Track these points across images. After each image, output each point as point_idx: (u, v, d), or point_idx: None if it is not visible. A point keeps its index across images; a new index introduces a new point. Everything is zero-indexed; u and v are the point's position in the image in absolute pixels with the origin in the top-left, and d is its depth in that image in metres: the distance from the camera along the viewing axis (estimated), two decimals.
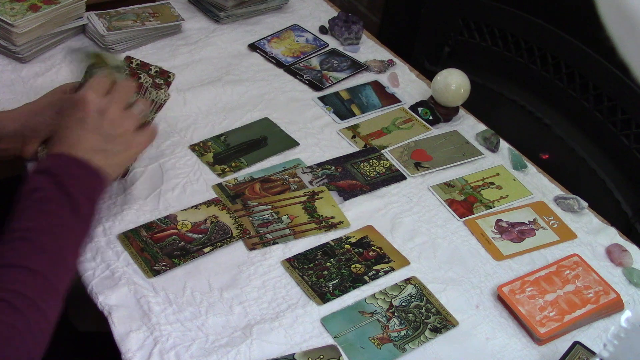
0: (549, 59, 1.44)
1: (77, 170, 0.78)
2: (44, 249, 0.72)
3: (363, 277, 0.87)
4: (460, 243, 0.95)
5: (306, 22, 1.38)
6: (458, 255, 0.94)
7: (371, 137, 1.11)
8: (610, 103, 1.33)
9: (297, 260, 0.89)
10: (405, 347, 0.79)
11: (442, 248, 0.94)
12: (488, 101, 1.52)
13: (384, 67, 1.27)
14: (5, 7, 1.12)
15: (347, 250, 0.91)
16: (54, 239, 0.73)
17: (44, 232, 0.73)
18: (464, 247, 0.95)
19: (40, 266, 0.70)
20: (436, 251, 0.93)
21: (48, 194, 0.76)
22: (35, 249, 0.72)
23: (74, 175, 0.78)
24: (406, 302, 0.85)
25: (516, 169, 1.09)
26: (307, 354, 0.77)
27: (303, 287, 0.85)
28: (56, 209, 0.75)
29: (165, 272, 0.84)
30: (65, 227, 0.75)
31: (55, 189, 0.76)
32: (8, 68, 1.14)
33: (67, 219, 0.75)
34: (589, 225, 1.01)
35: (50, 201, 0.75)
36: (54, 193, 0.76)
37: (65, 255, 0.74)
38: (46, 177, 0.77)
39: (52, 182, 0.76)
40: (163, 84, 0.97)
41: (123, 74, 0.89)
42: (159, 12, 1.28)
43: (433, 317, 0.83)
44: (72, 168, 0.78)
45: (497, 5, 1.52)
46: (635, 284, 0.92)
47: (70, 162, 0.79)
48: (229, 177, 1.00)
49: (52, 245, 0.73)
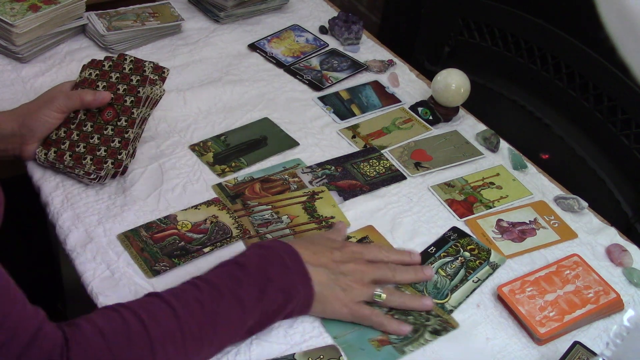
0: (549, 59, 1.44)
1: (289, 260, 0.78)
2: (202, 302, 0.71)
3: None
4: None
5: (306, 22, 1.38)
6: None
7: (371, 137, 1.11)
8: (610, 103, 1.33)
9: None
10: (405, 349, 0.79)
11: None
12: (488, 101, 1.52)
13: (384, 67, 1.27)
14: (5, 7, 1.12)
15: None
16: (218, 302, 0.72)
17: (216, 291, 0.72)
18: None
19: (181, 310, 0.70)
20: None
21: (249, 264, 0.75)
22: (194, 298, 0.71)
23: (280, 258, 0.77)
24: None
25: (516, 169, 1.09)
26: (307, 354, 0.77)
27: None
28: (244, 281, 0.74)
29: (165, 272, 0.84)
30: (238, 300, 0.73)
31: (256, 264, 0.75)
32: (8, 68, 1.14)
33: (246, 295, 0.73)
34: (589, 225, 1.01)
35: (244, 270, 0.75)
36: (253, 268, 0.75)
37: (217, 321, 0.72)
38: (257, 250, 0.77)
39: (259, 259, 0.76)
40: (158, 79, 0.97)
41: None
42: (159, 12, 1.28)
43: (433, 319, 0.83)
44: (285, 256, 0.78)
45: (497, 5, 1.52)
46: (635, 284, 0.92)
47: (289, 252, 0.79)
48: (229, 177, 1.00)
49: (212, 305, 0.71)
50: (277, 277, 0.75)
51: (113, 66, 0.98)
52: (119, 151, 0.93)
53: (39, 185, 0.94)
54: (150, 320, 0.68)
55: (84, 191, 0.94)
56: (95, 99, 0.94)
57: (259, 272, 0.75)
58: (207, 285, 0.73)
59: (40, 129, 0.92)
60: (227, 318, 0.72)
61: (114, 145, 0.93)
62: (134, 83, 0.96)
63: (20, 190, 0.95)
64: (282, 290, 0.75)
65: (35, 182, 0.95)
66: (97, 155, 0.92)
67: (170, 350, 0.68)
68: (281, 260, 0.77)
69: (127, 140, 0.93)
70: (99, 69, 0.99)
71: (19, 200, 0.90)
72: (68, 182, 0.95)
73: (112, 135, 0.93)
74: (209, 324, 0.71)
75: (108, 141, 0.93)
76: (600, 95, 1.35)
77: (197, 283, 0.73)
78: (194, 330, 0.70)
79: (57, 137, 0.94)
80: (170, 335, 0.68)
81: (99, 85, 0.97)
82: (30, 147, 0.94)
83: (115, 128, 0.94)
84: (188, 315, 0.70)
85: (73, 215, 0.90)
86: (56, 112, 0.93)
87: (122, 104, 0.95)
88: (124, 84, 0.96)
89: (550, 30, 1.42)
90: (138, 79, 0.96)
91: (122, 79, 0.97)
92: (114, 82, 0.97)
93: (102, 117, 0.95)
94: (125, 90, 0.96)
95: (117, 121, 0.94)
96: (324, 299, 0.79)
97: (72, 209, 0.91)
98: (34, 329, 0.63)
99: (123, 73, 0.97)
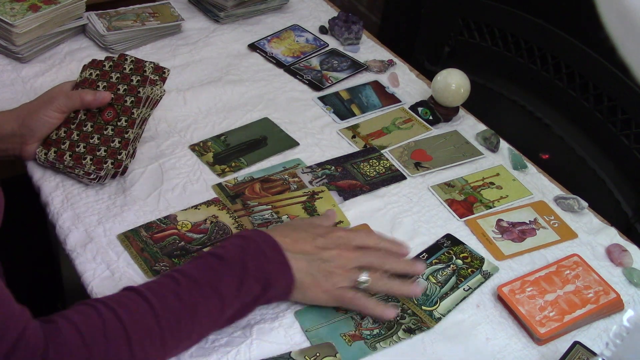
0: (549, 59, 1.44)
1: (269, 251, 0.78)
2: (181, 297, 0.71)
3: None
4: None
5: (306, 22, 1.38)
6: None
7: (371, 137, 1.11)
8: (610, 103, 1.33)
9: None
10: (377, 345, 0.79)
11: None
12: (488, 101, 1.52)
13: (384, 67, 1.27)
14: (5, 7, 1.12)
15: None
16: (198, 295, 0.72)
17: (195, 284, 0.72)
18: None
19: (159, 305, 0.69)
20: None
21: (228, 256, 0.75)
22: (171, 292, 0.71)
23: (260, 250, 0.77)
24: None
25: (516, 169, 1.09)
26: (303, 351, 0.77)
27: None
28: (224, 274, 0.74)
29: (165, 272, 0.84)
30: (218, 293, 0.73)
31: (237, 255, 0.75)
32: (8, 68, 1.14)
33: (227, 289, 0.74)
34: (589, 225, 1.01)
35: (224, 263, 0.75)
36: (234, 260, 0.75)
37: (196, 314, 0.72)
38: (238, 240, 0.77)
39: (239, 250, 0.76)
40: (158, 79, 0.97)
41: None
42: (159, 12, 1.28)
43: (408, 318, 0.83)
44: (265, 247, 0.78)
45: (497, 5, 1.53)
46: (635, 284, 0.92)
47: (268, 241, 0.78)
48: (229, 177, 1.00)
49: (191, 299, 0.71)
50: (256, 268, 0.75)
51: (113, 66, 0.98)
52: (119, 151, 0.93)
53: (39, 185, 0.94)
54: (127, 316, 0.68)
55: (84, 191, 0.94)
56: (95, 99, 0.94)
57: (237, 264, 0.75)
58: (185, 279, 0.73)
59: (40, 128, 0.92)
60: (206, 311, 0.72)
61: (114, 145, 0.93)
62: (134, 83, 0.96)
63: (20, 190, 0.95)
64: (260, 281, 0.76)
65: (35, 182, 0.95)
66: (97, 155, 0.92)
67: (148, 344, 0.68)
68: (260, 251, 0.77)
69: (127, 141, 0.93)
70: (99, 69, 0.99)
71: (19, 200, 0.90)
72: (68, 182, 0.95)
73: (112, 135, 0.93)
74: (188, 317, 0.71)
75: (108, 141, 0.93)
76: (600, 95, 1.35)
77: (175, 276, 0.73)
78: (172, 324, 0.70)
79: (57, 137, 0.94)
80: (147, 330, 0.68)
81: (99, 85, 0.97)
82: (31, 147, 0.94)
83: (116, 128, 0.94)
84: (166, 309, 0.70)
85: (73, 215, 0.90)
86: (56, 112, 0.93)
87: (122, 104, 0.95)
88: (124, 84, 0.96)
89: (550, 30, 1.42)
90: (138, 79, 0.96)
91: (123, 79, 0.97)
92: (114, 82, 0.97)
93: (103, 117, 0.95)
94: (126, 90, 0.96)
95: (117, 121, 0.94)
96: (304, 285, 0.79)
97: (72, 209, 0.91)
98: (21, 328, 0.63)
99: (123, 73, 0.97)
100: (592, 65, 1.34)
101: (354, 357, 0.77)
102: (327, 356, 0.77)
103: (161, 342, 0.69)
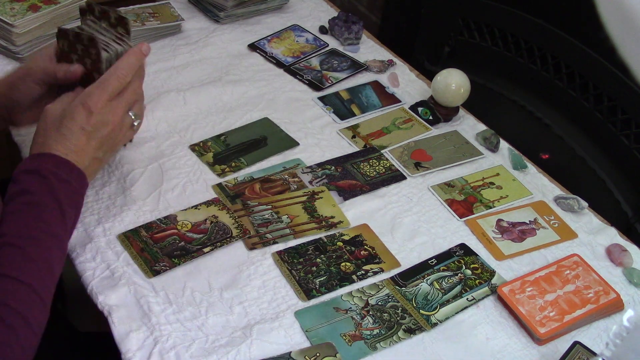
0: (549, 59, 1.44)
1: (67, 176, 0.78)
2: (34, 259, 0.71)
3: (351, 276, 0.87)
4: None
5: (306, 22, 1.38)
6: None
7: (371, 137, 1.11)
8: (610, 103, 1.33)
9: (288, 254, 0.89)
10: (377, 345, 0.79)
11: (443, 248, 0.94)
12: (488, 101, 1.52)
13: (384, 67, 1.27)
14: (5, 7, 1.12)
15: (338, 248, 0.91)
16: (44, 249, 0.72)
17: (34, 240, 0.72)
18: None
19: (29, 278, 0.69)
20: (436, 251, 0.93)
21: (39, 198, 0.75)
22: (25, 259, 0.70)
23: (63, 180, 0.78)
24: (382, 302, 0.84)
25: (516, 169, 1.09)
26: (303, 352, 0.77)
27: (290, 280, 0.85)
28: (47, 217, 0.74)
29: (165, 272, 0.84)
30: (54, 236, 0.74)
31: (46, 193, 0.75)
32: (8, 68, 1.14)
33: (57, 228, 0.75)
34: (589, 225, 1.01)
35: (40, 207, 0.75)
36: (45, 199, 0.75)
37: (53, 266, 0.73)
38: (37, 180, 0.76)
39: (46, 187, 0.76)
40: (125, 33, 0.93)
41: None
42: (159, 12, 1.28)
43: (408, 318, 0.83)
44: (62, 173, 0.78)
45: (497, 5, 1.53)
46: (635, 284, 0.92)
47: (61, 165, 0.78)
48: (228, 177, 1.00)
49: (42, 255, 0.72)
50: (65, 198, 0.77)
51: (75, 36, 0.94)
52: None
53: None
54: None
55: None
56: (65, 77, 0.91)
57: (53, 202, 0.76)
58: (23, 240, 0.72)
59: (24, 100, 0.91)
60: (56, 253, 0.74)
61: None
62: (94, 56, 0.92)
63: None
64: (72, 205, 0.78)
65: None
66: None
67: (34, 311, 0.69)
68: (64, 180, 0.78)
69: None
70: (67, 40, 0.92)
71: None
72: None
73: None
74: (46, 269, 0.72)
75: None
76: (600, 95, 1.35)
77: (13, 242, 0.72)
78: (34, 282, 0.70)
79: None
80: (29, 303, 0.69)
81: (72, 58, 0.93)
82: (22, 116, 0.92)
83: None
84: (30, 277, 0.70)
85: None
86: (36, 85, 0.92)
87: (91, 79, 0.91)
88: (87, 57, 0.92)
89: (550, 30, 1.42)
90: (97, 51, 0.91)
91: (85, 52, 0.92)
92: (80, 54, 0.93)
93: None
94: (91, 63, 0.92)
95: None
96: (97, 168, 0.85)
97: None
98: None
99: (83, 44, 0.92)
100: (592, 65, 1.34)
101: (354, 357, 0.78)
102: (327, 356, 0.77)
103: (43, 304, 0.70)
